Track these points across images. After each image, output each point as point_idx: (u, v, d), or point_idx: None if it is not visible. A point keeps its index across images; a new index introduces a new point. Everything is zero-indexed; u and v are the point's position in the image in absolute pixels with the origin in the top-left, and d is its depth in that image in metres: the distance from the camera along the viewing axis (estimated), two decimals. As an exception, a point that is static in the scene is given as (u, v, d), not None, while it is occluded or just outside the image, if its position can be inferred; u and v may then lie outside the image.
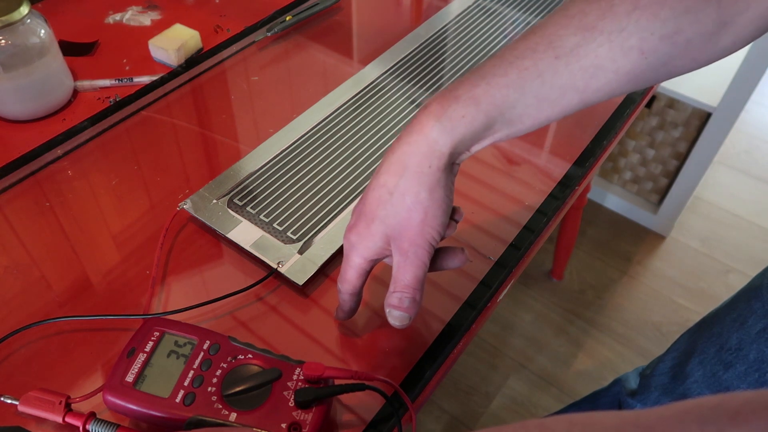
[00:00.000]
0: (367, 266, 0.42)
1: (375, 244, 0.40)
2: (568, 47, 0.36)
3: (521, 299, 1.41)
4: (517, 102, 0.37)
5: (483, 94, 0.37)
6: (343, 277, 0.43)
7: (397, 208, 0.38)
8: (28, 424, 0.42)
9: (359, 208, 0.41)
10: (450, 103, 0.37)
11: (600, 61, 0.36)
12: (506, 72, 0.37)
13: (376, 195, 0.39)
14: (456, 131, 0.37)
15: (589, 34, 0.36)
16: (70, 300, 0.50)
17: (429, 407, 1.22)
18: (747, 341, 0.57)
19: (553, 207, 0.58)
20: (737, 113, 1.25)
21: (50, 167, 0.61)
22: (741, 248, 1.51)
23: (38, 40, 0.63)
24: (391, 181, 0.38)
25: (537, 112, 0.38)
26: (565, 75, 0.37)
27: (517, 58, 0.37)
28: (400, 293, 0.41)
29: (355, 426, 0.43)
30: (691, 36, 0.36)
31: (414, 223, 0.38)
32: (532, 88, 0.37)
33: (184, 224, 0.56)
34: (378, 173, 0.40)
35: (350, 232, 0.41)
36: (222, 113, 0.67)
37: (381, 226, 0.39)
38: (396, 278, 0.41)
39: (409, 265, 0.40)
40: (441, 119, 0.37)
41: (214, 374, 0.41)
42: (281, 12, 0.81)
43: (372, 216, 0.39)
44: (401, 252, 0.40)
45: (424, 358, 0.47)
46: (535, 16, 0.80)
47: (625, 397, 0.77)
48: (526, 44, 0.37)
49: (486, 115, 0.37)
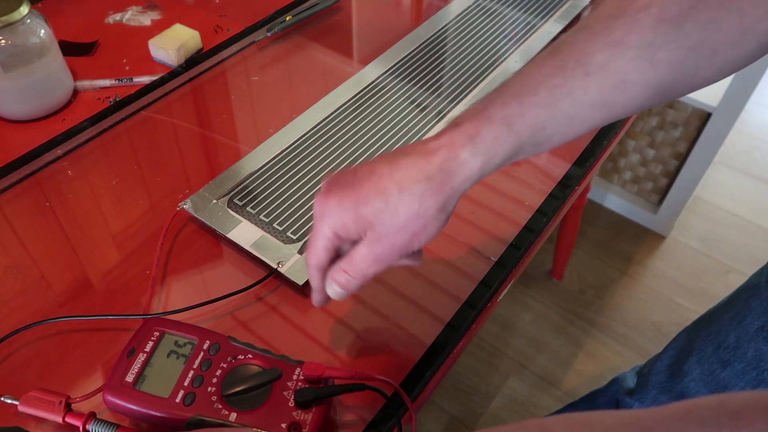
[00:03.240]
0: (335, 243, 0.39)
1: (351, 225, 0.37)
2: (597, 63, 0.36)
3: (521, 299, 1.41)
4: (548, 122, 0.37)
5: (515, 115, 0.36)
6: (310, 248, 0.39)
7: (400, 209, 0.36)
8: (28, 424, 0.42)
9: (349, 179, 0.37)
10: (483, 124, 0.36)
11: (629, 76, 0.36)
12: (536, 90, 0.37)
13: (381, 184, 0.36)
14: (487, 154, 0.36)
15: (618, 50, 0.36)
16: (70, 300, 0.50)
17: (429, 407, 1.22)
18: (745, 339, 0.57)
19: (553, 207, 0.58)
20: (737, 113, 1.25)
21: (50, 167, 0.61)
22: (741, 248, 1.51)
23: (38, 40, 0.63)
24: (406, 181, 0.36)
25: (566, 130, 0.38)
26: (596, 92, 0.36)
27: (546, 76, 0.37)
28: (352, 278, 0.38)
29: (355, 426, 0.43)
30: (715, 46, 0.36)
31: (407, 231, 0.37)
32: (563, 106, 0.37)
33: (184, 224, 0.56)
34: (393, 162, 0.37)
35: (330, 198, 0.37)
36: (222, 113, 0.67)
37: (369, 215, 0.36)
38: (353, 261, 0.38)
39: (374, 261, 0.38)
40: (475, 140, 0.36)
41: (214, 374, 0.41)
42: (281, 12, 0.81)
43: (365, 199, 0.36)
44: (374, 245, 0.37)
45: (424, 358, 0.47)
46: (535, 16, 0.80)
47: (622, 396, 0.77)
48: (555, 62, 0.37)
49: (517, 138, 0.37)
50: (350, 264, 0.38)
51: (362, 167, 0.38)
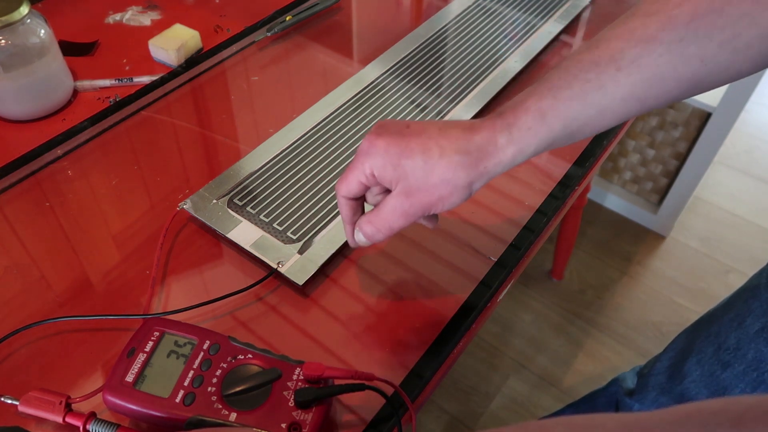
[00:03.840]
0: (368, 181, 0.41)
1: (390, 170, 0.39)
2: (629, 59, 0.38)
3: (521, 299, 1.41)
4: (580, 114, 0.39)
5: (549, 108, 0.39)
6: (345, 178, 0.42)
7: (435, 170, 0.39)
8: (29, 424, 0.42)
9: (401, 129, 0.40)
10: (520, 115, 0.39)
11: (661, 71, 0.38)
12: (570, 84, 0.39)
13: (427, 144, 0.39)
14: (521, 143, 0.39)
15: (650, 46, 0.37)
16: (70, 300, 0.50)
17: (429, 407, 1.22)
18: (745, 340, 0.57)
19: (553, 207, 0.58)
20: (737, 113, 1.25)
21: (50, 167, 0.61)
22: (741, 248, 1.51)
23: (38, 40, 0.63)
24: (448, 149, 0.39)
25: (598, 122, 0.40)
26: (627, 86, 0.38)
27: (580, 71, 0.39)
28: (378, 230, 0.42)
29: (355, 426, 0.43)
30: (749, 39, 0.37)
31: (435, 192, 0.39)
32: (594, 99, 0.38)
33: (184, 224, 0.56)
34: (442, 129, 0.39)
35: (379, 140, 0.40)
36: (222, 113, 0.67)
37: (408, 167, 0.39)
38: (381, 212, 0.41)
39: (401, 215, 0.40)
40: (511, 129, 0.39)
41: (214, 374, 0.41)
42: (281, 12, 0.81)
43: (410, 152, 0.39)
44: (403, 200, 0.40)
45: (424, 358, 0.47)
46: (535, 16, 0.80)
47: (622, 396, 0.77)
48: (590, 57, 0.39)
49: (549, 129, 0.39)
50: (378, 215, 0.41)
51: (415, 124, 0.40)
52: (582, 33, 0.81)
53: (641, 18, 0.38)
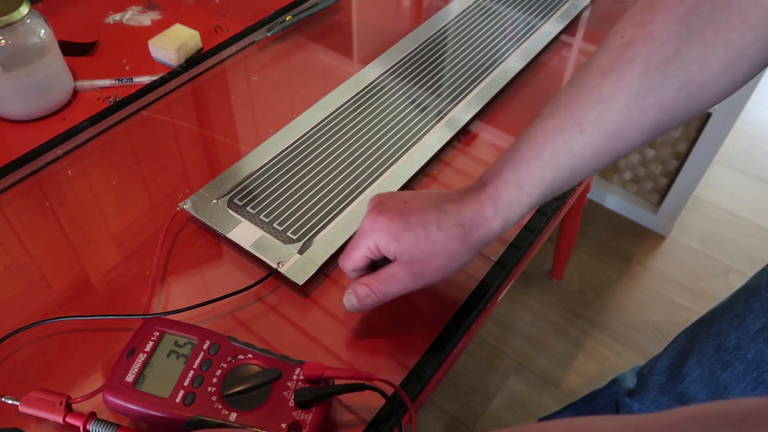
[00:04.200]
0: (373, 255, 0.43)
1: (393, 244, 0.42)
2: (591, 121, 0.40)
3: (521, 299, 1.41)
4: (555, 178, 0.41)
5: (525, 180, 0.41)
6: (350, 255, 0.44)
7: (435, 241, 0.42)
8: (29, 424, 0.42)
9: (399, 206, 0.43)
10: (501, 188, 0.42)
11: (623, 125, 0.39)
12: (540, 154, 0.41)
13: (425, 219, 0.42)
14: (507, 214, 0.42)
15: (609, 104, 0.39)
16: (70, 300, 0.50)
17: (429, 407, 1.22)
18: (745, 340, 0.57)
19: (553, 207, 0.58)
20: (737, 113, 1.25)
21: (50, 167, 0.61)
22: (741, 248, 1.51)
23: (38, 40, 0.63)
24: (445, 222, 0.42)
25: (574, 179, 0.42)
26: (594, 145, 0.40)
27: (547, 139, 0.41)
28: (372, 294, 0.43)
29: (355, 426, 0.43)
30: (704, 80, 0.38)
31: (436, 260, 0.42)
32: (566, 163, 0.41)
33: (184, 224, 0.56)
34: (438, 203, 0.42)
35: (381, 217, 0.42)
36: (222, 113, 0.67)
37: (410, 240, 0.42)
38: (381, 277, 0.43)
39: (400, 283, 0.43)
40: (496, 202, 0.42)
41: (214, 374, 0.41)
42: (281, 12, 0.81)
43: (411, 227, 0.42)
44: (405, 269, 0.42)
45: (424, 358, 0.47)
46: (535, 16, 0.80)
47: (622, 397, 0.77)
48: (554, 123, 0.41)
49: (530, 197, 0.42)
50: (377, 279, 0.43)
51: (411, 199, 0.43)
52: (582, 33, 0.81)
53: (597, 77, 0.40)
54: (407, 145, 0.62)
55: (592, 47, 0.78)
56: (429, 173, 0.61)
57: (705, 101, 0.39)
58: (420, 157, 0.61)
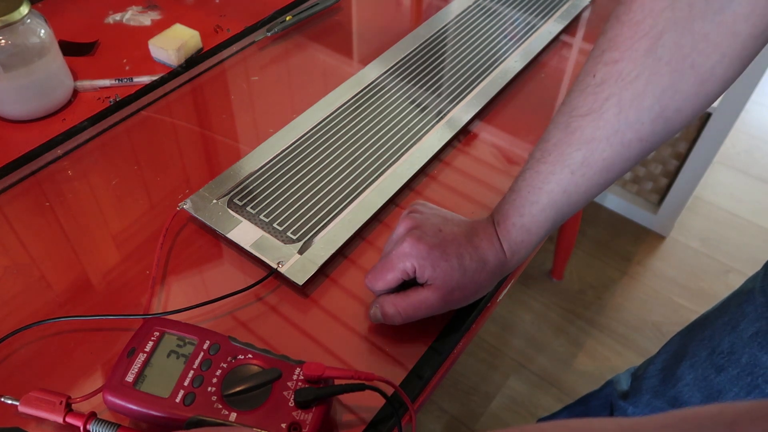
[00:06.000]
0: (408, 277, 0.46)
1: (428, 270, 0.44)
2: (578, 162, 0.43)
3: (521, 299, 1.41)
4: (557, 215, 0.45)
5: (530, 223, 0.45)
6: (383, 276, 0.46)
7: (467, 271, 0.45)
8: (29, 424, 0.42)
9: (436, 234, 0.45)
10: (510, 230, 0.46)
11: (609, 162, 0.42)
12: (539, 198, 0.44)
13: (459, 250, 0.45)
14: (520, 252, 0.46)
15: (592, 145, 0.42)
16: (70, 300, 0.50)
17: (429, 407, 1.22)
18: (739, 345, 0.57)
19: (553, 207, 0.58)
20: (737, 113, 1.25)
21: (50, 167, 0.61)
22: (741, 248, 1.51)
23: (38, 40, 0.63)
24: (475, 258, 0.45)
25: (574, 210, 0.46)
26: (586, 182, 0.43)
27: (543, 183, 0.44)
28: (399, 313, 0.45)
29: (355, 426, 0.43)
30: (678, 105, 0.40)
31: (465, 288, 0.45)
32: (563, 201, 0.44)
33: (184, 224, 0.56)
34: (469, 238, 0.46)
35: (420, 244, 0.44)
36: (222, 113, 0.67)
37: (445, 268, 0.44)
38: (411, 303, 0.45)
39: (429, 309, 0.45)
40: (509, 241, 0.46)
41: (214, 374, 0.41)
42: (281, 12, 0.81)
43: (447, 256, 0.44)
44: (436, 294, 0.45)
45: (424, 358, 0.47)
46: (535, 16, 0.80)
47: (616, 399, 0.76)
48: (546, 168, 0.44)
49: (537, 236, 0.46)
50: (407, 302, 0.45)
51: (445, 227, 0.46)
52: (582, 33, 0.81)
53: (577, 119, 0.42)
54: (407, 145, 0.62)
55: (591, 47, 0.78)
56: (429, 173, 0.61)
57: (682, 122, 0.41)
58: (420, 157, 0.61)
